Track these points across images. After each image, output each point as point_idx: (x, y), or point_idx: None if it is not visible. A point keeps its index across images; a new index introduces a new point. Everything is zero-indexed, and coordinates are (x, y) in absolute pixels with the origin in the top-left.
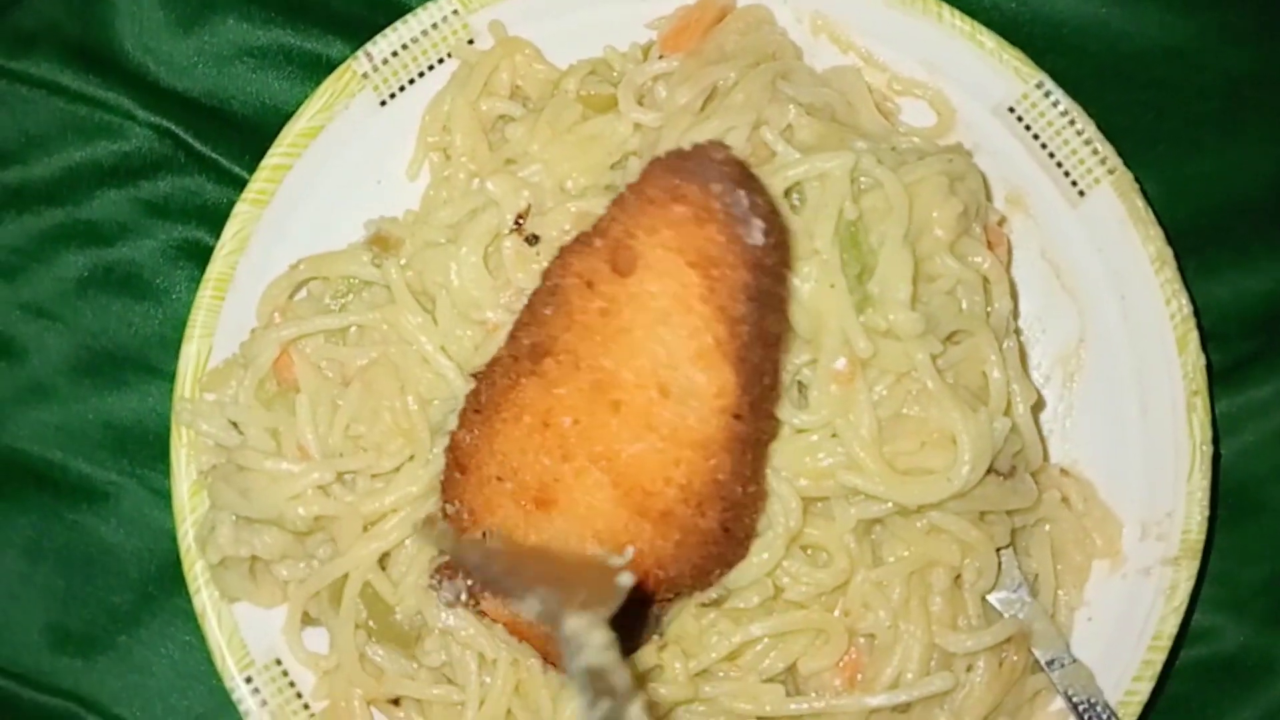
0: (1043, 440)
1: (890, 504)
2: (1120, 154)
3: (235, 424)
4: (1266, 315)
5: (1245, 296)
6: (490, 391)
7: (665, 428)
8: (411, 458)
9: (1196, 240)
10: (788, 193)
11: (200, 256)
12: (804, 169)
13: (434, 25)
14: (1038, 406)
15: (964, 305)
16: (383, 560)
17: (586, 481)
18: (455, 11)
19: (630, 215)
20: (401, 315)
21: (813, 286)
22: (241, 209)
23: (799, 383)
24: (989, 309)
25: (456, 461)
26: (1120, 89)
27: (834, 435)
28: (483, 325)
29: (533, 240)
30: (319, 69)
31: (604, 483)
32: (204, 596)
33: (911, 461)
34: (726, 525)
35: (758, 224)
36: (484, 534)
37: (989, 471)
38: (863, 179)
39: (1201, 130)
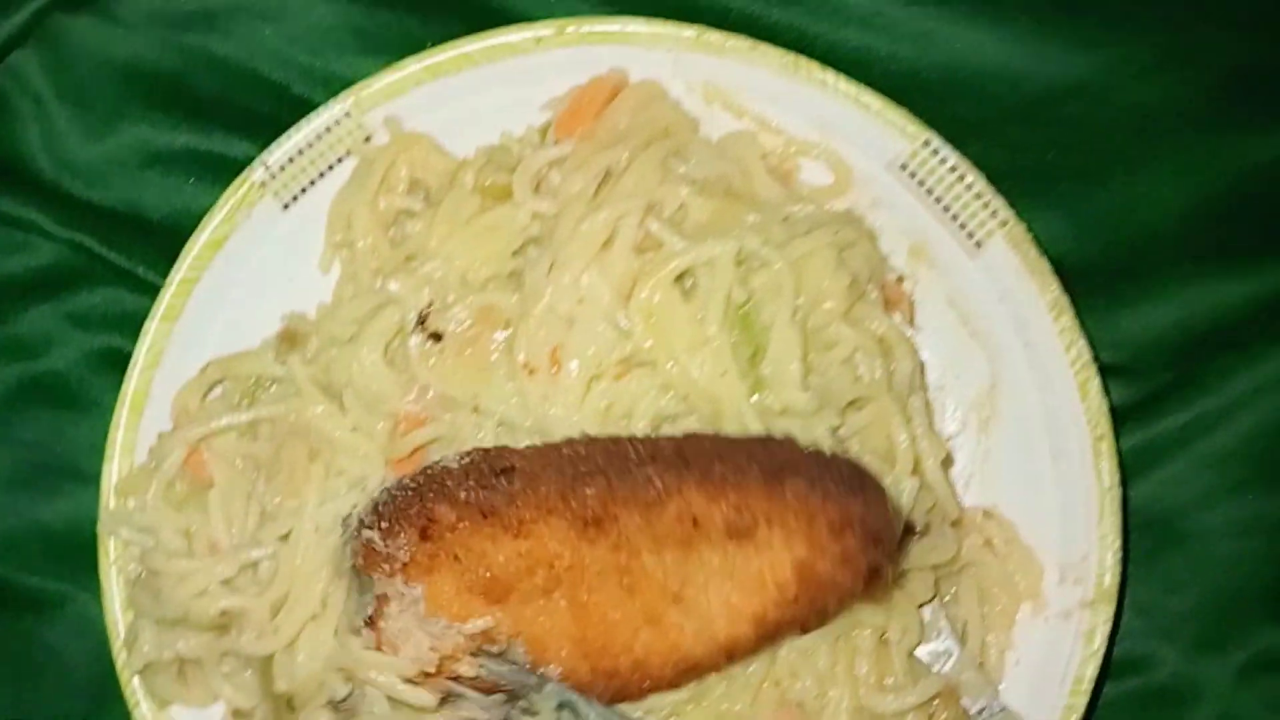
0: (954, 493)
1: None
2: (1027, 192)
3: (149, 528)
4: (1180, 346)
5: (1158, 328)
6: (509, 506)
7: (658, 624)
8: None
9: (1107, 275)
10: (680, 278)
11: (122, 364)
12: (691, 257)
13: (328, 129)
14: (948, 461)
15: (862, 372)
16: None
17: (551, 608)
18: (348, 114)
19: (771, 502)
20: (307, 406)
21: (706, 374)
22: (152, 325)
23: None
24: (891, 369)
25: (424, 530)
26: (1024, 128)
27: None
28: (392, 417)
29: (436, 338)
30: (227, 170)
31: (566, 618)
32: (143, 709)
33: None
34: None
35: (876, 586)
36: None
37: (905, 532)
38: (752, 258)
39: (1107, 165)
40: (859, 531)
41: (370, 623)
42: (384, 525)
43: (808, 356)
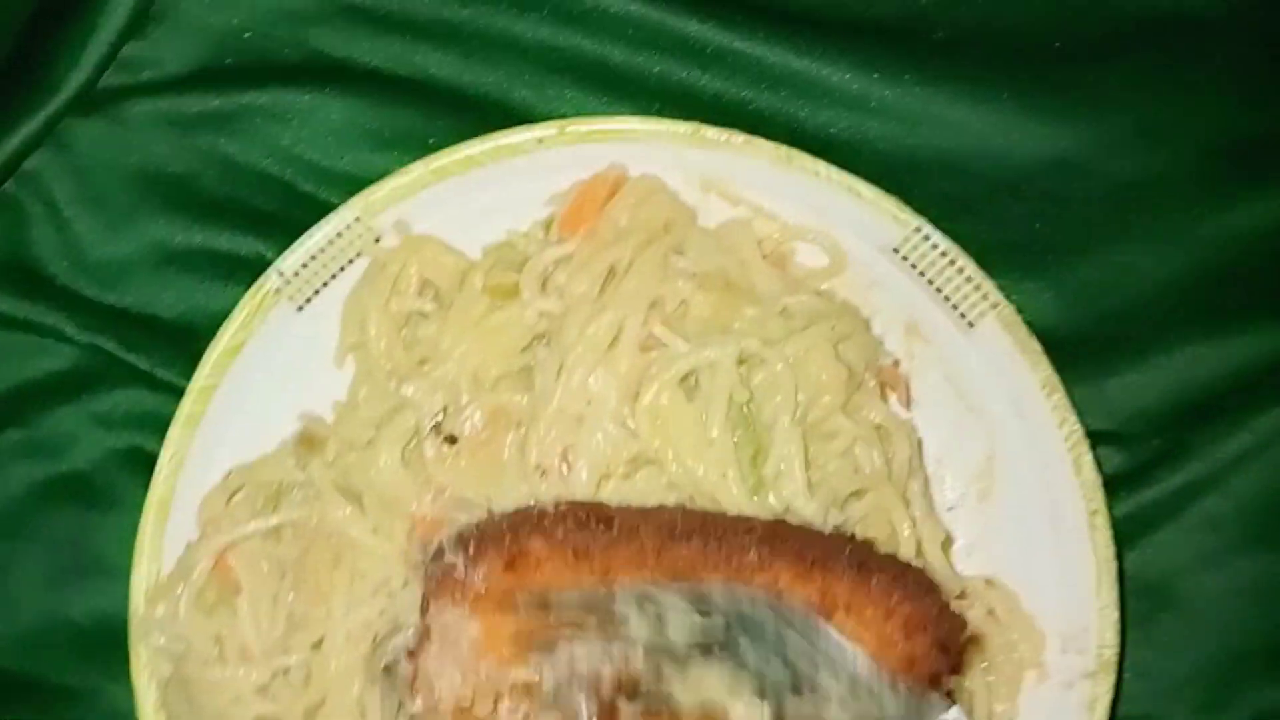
0: (955, 572)
1: None
2: (1015, 266)
3: (180, 637)
4: (1168, 414)
5: (1146, 396)
6: (602, 552)
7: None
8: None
9: (1096, 344)
10: (684, 378)
11: (144, 462)
12: (694, 360)
13: (339, 234)
14: (947, 542)
15: (861, 462)
16: None
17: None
18: (358, 218)
19: (855, 590)
20: (329, 510)
21: (709, 473)
22: (174, 433)
23: None
24: (889, 456)
25: (511, 561)
26: (1009, 203)
27: None
28: (410, 518)
29: (451, 440)
30: (239, 268)
31: None
32: None
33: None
34: None
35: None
36: None
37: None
38: (753, 358)
39: (1091, 237)
40: (930, 634)
41: (410, 655)
42: (470, 550)
43: (808, 453)
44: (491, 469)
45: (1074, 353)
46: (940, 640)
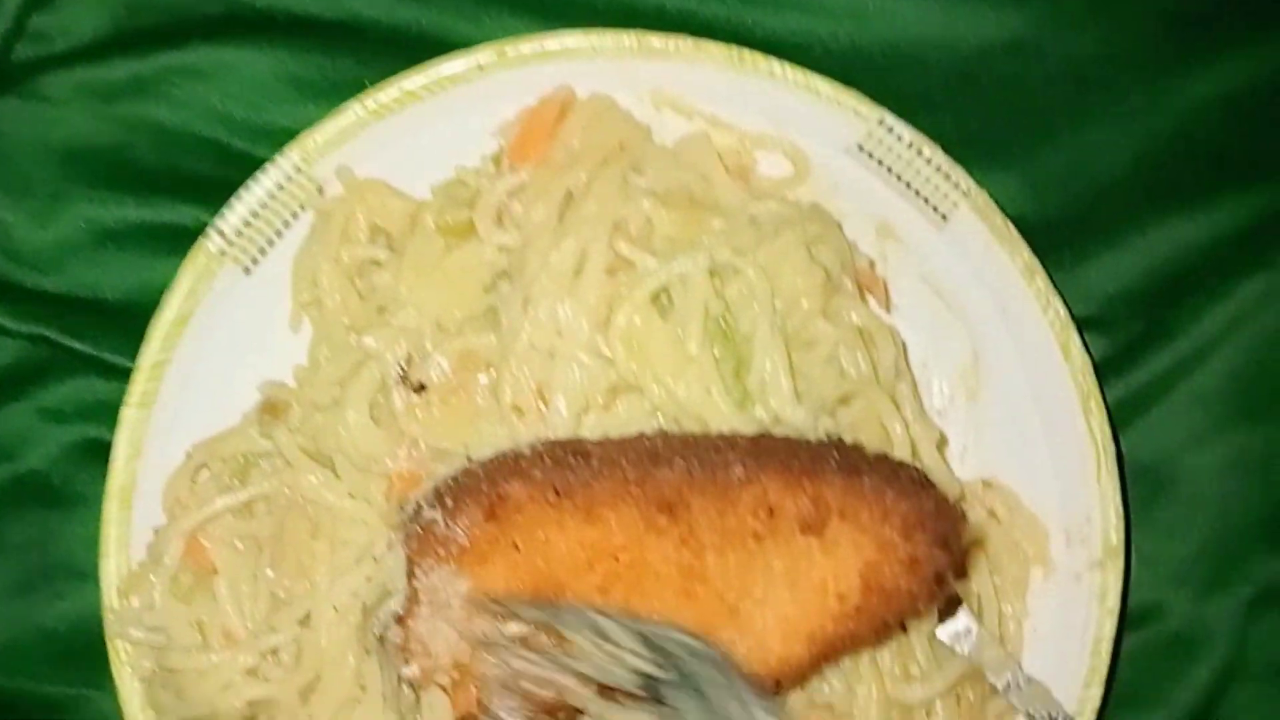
0: (951, 472)
1: None
2: (980, 157)
3: (159, 628)
4: (1147, 293)
5: (1124, 278)
6: (584, 486)
7: (706, 639)
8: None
9: (1068, 229)
10: (656, 298)
11: (103, 453)
12: (664, 275)
13: (280, 186)
14: (942, 441)
15: (846, 366)
16: None
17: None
18: (298, 168)
19: (848, 494)
20: (300, 477)
21: (692, 392)
22: (128, 414)
23: None
24: (874, 359)
25: (491, 509)
26: (968, 94)
27: None
28: (386, 476)
29: (420, 389)
30: (181, 239)
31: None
32: None
33: None
34: None
35: (938, 597)
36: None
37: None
38: (724, 269)
39: (1053, 120)
40: (929, 532)
41: (400, 620)
42: (449, 503)
43: (792, 361)
44: (466, 415)
45: (1048, 240)
46: (941, 537)
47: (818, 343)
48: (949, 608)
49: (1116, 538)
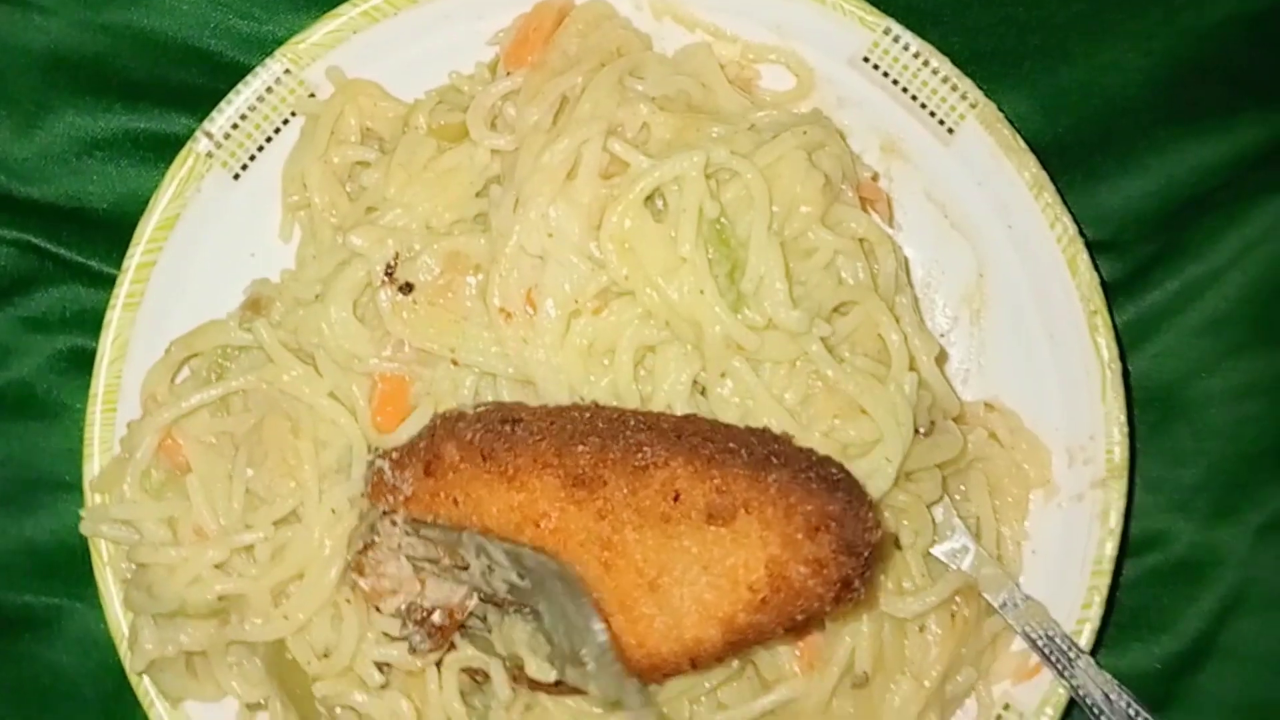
0: (951, 388)
1: None
2: (990, 76)
3: (131, 522)
4: (1160, 215)
5: (1137, 200)
6: (508, 453)
7: (630, 613)
8: (299, 509)
9: (1081, 151)
10: (649, 199)
11: (88, 363)
12: (658, 175)
13: (269, 89)
14: (942, 356)
15: (845, 275)
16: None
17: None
18: (288, 71)
19: (753, 488)
20: (280, 372)
21: (684, 295)
22: (114, 316)
23: (698, 385)
24: (874, 269)
25: (428, 466)
26: (981, 10)
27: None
28: (368, 376)
29: (406, 289)
30: (169, 148)
31: None
32: (157, 708)
33: (831, 439)
34: None
35: (846, 600)
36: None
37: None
38: (721, 171)
39: (1067, 39)
40: (834, 535)
41: (363, 550)
42: (394, 456)
43: (788, 267)
44: (452, 317)
45: (1060, 161)
46: (847, 542)
47: (816, 250)
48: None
49: (1120, 456)
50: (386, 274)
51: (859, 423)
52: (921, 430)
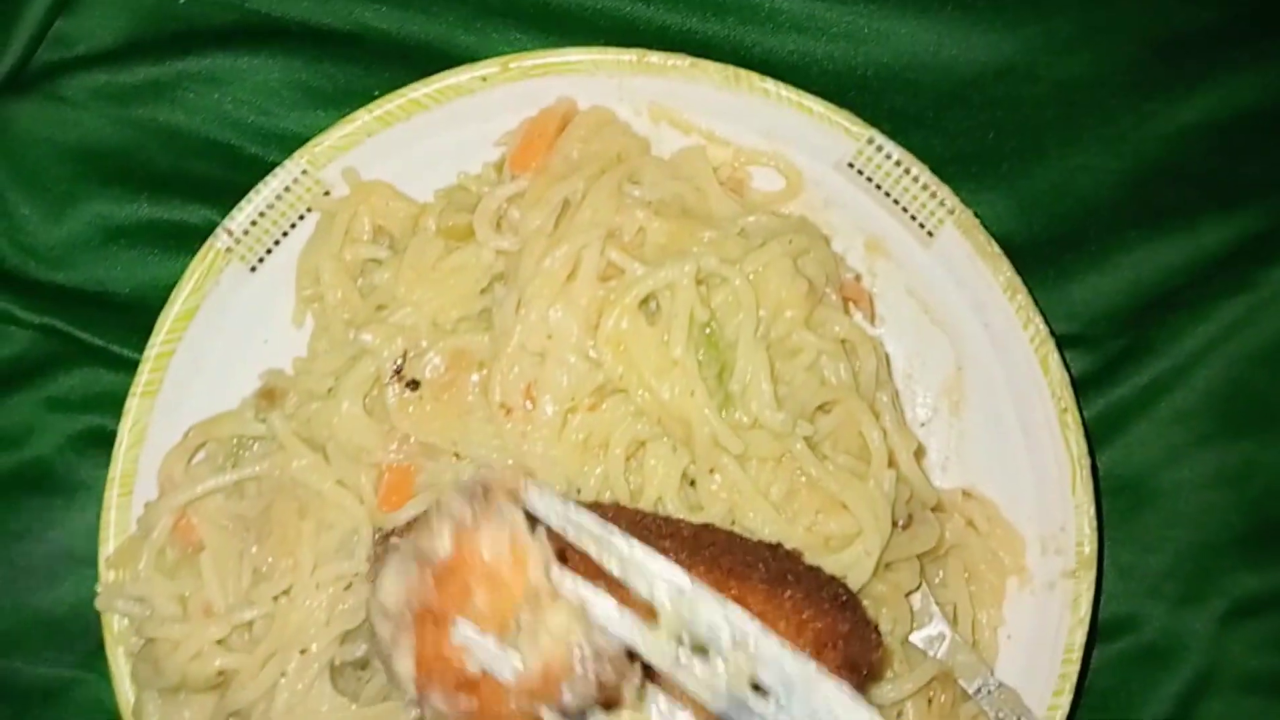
0: (929, 481)
1: None
2: (969, 176)
3: (144, 598)
4: (1130, 310)
5: (1107, 296)
6: None
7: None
8: (288, 591)
9: (1054, 249)
10: (644, 303)
11: (107, 443)
12: (652, 282)
13: (286, 189)
14: (920, 451)
15: (828, 374)
16: None
17: None
18: (305, 171)
19: (769, 602)
20: (291, 460)
21: (675, 395)
22: (133, 403)
23: (687, 477)
24: (856, 369)
25: None
26: (960, 114)
27: (733, 522)
28: (375, 467)
29: (413, 386)
30: (189, 238)
31: None
32: None
33: (813, 533)
34: None
35: None
36: None
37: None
38: (711, 277)
39: (1042, 141)
40: (840, 652)
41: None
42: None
43: (774, 368)
44: (456, 412)
45: (1034, 259)
46: (850, 659)
47: (800, 351)
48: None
49: (1089, 548)
50: (395, 372)
51: (840, 517)
52: (900, 523)
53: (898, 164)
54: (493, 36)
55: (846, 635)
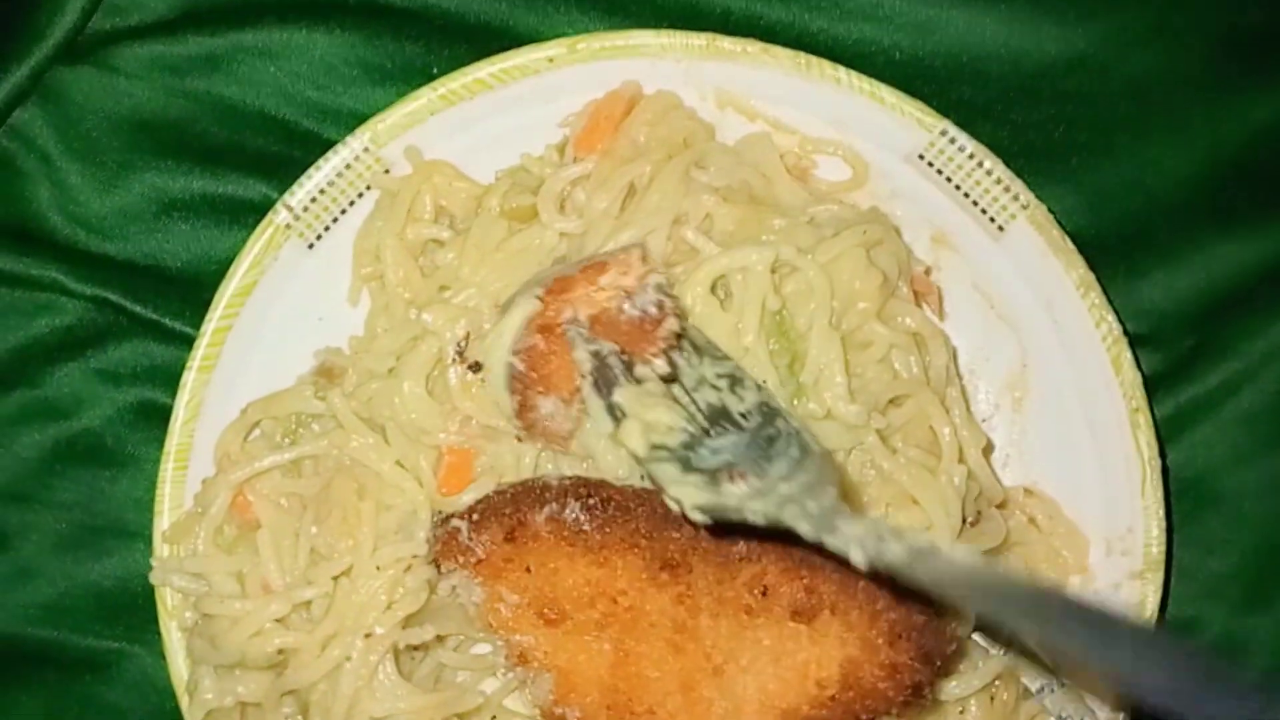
0: (997, 478)
1: None
2: (1037, 170)
3: (201, 574)
4: (1200, 310)
5: (1177, 295)
6: (599, 529)
7: (690, 693)
8: (348, 571)
9: (1123, 246)
10: (714, 286)
11: (157, 416)
12: (725, 263)
13: (348, 165)
14: (988, 448)
15: (899, 368)
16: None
17: (595, 647)
18: (366, 149)
19: (842, 592)
20: (350, 439)
21: None
22: (190, 377)
23: None
24: (926, 361)
25: (510, 532)
26: (1028, 107)
27: None
28: (435, 449)
29: (475, 368)
30: (244, 212)
31: (606, 661)
32: None
33: None
34: None
35: (913, 704)
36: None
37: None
38: (783, 265)
39: (1113, 136)
40: (915, 644)
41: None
42: (474, 518)
43: (846, 360)
44: None
45: (1102, 256)
46: (925, 651)
47: (872, 343)
48: None
49: (1158, 550)
50: (458, 353)
51: (910, 511)
52: (968, 520)
53: (970, 157)
54: (555, 17)
55: (921, 627)
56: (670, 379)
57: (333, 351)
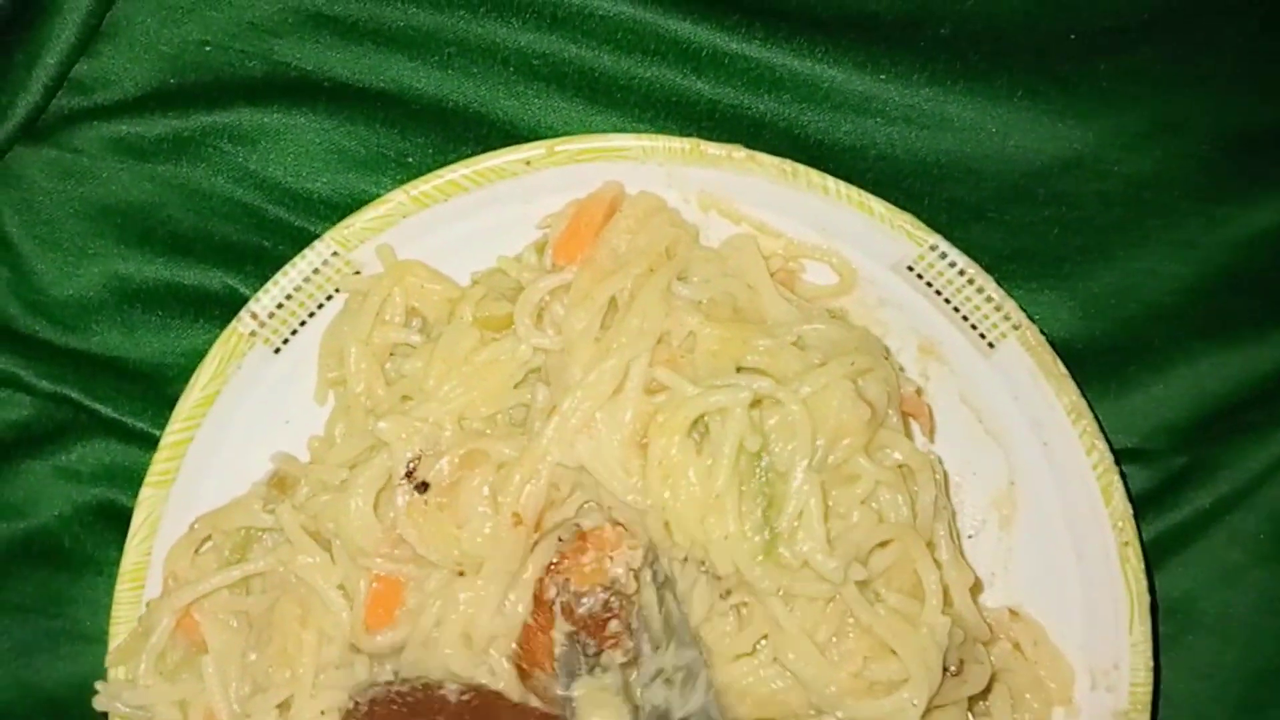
0: (983, 618)
1: None
2: (1029, 275)
3: (142, 706)
4: (1191, 426)
5: (1169, 409)
6: None
7: None
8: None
9: (1115, 357)
10: (693, 423)
11: (117, 517)
12: (701, 405)
13: (315, 270)
14: (977, 587)
15: (885, 511)
16: None
17: None
18: (335, 253)
19: None
20: (296, 557)
21: (713, 535)
22: (147, 493)
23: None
24: (914, 494)
25: None
26: (1023, 208)
27: (774, 659)
28: (368, 572)
29: (422, 488)
30: (210, 304)
31: None
32: None
33: (859, 678)
34: None
35: None
36: None
37: None
38: (766, 398)
39: (1108, 241)
40: None
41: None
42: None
43: (828, 500)
44: (455, 521)
45: (1093, 365)
46: None
47: (857, 479)
48: None
49: (1144, 692)
50: (407, 473)
51: (888, 663)
52: (950, 669)
53: (961, 273)
54: (535, 103)
55: None
56: (630, 664)
57: (288, 459)
